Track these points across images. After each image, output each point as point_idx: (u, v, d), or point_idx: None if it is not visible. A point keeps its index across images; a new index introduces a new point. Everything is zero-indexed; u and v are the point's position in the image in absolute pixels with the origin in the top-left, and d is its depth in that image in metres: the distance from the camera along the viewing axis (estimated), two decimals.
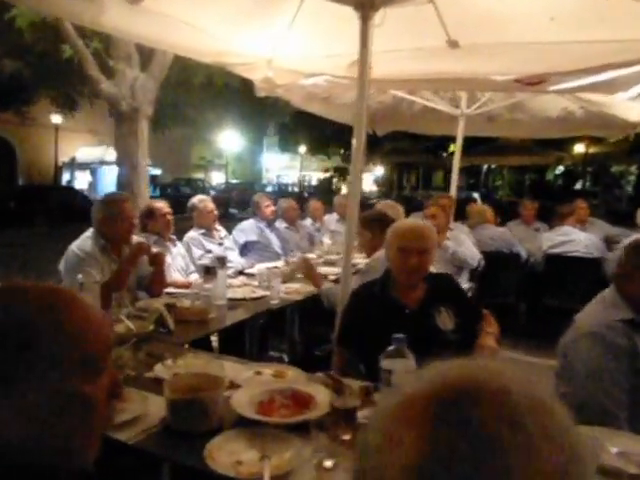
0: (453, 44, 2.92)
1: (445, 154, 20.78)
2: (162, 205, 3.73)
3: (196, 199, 4.28)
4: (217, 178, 31.98)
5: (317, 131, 21.98)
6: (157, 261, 2.99)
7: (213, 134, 22.35)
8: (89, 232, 2.97)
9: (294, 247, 5.23)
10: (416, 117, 5.99)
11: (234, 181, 30.27)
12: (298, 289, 3.35)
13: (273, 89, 4.16)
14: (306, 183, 35.96)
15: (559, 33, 2.63)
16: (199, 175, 30.50)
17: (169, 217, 3.70)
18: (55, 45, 5.35)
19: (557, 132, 5.94)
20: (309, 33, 3.35)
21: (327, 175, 33.48)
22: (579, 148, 16.31)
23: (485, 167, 24.27)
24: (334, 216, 6.47)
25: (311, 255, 4.89)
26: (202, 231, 4.21)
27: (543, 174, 28.39)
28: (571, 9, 2.48)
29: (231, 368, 2.00)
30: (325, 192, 28.56)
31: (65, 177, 23.33)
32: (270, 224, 5.05)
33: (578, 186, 23.34)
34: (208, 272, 2.95)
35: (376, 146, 20.78)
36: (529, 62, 3.05)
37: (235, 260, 4.32)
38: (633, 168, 22.97)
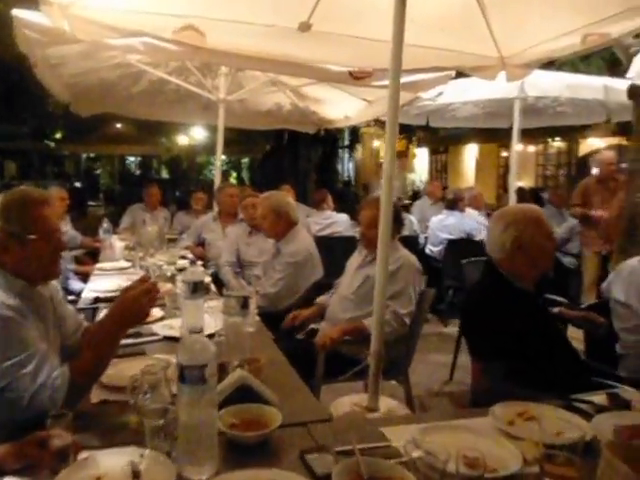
0: (305, 27, 2.68)
1: (52, 143, 17.95)
2: None
3: None
4: None
5: None
6: None
7: None
8: None
9: None
10: (133, 99, 5.19)
11: None
12: None
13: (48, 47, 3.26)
14: None
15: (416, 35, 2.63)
16: None
17: None
18: None
19: (266, 124, 6.24)
20: None
21: None
22: (183, 140, 17.43)
23: (84, 156, 22.72)
24: None
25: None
26: None
27: (122, 164, 29.23)
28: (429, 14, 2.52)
29: None
30: None
31: None
32: None
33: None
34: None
35: None
36: (366, 57, 3.10)
37: None
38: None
